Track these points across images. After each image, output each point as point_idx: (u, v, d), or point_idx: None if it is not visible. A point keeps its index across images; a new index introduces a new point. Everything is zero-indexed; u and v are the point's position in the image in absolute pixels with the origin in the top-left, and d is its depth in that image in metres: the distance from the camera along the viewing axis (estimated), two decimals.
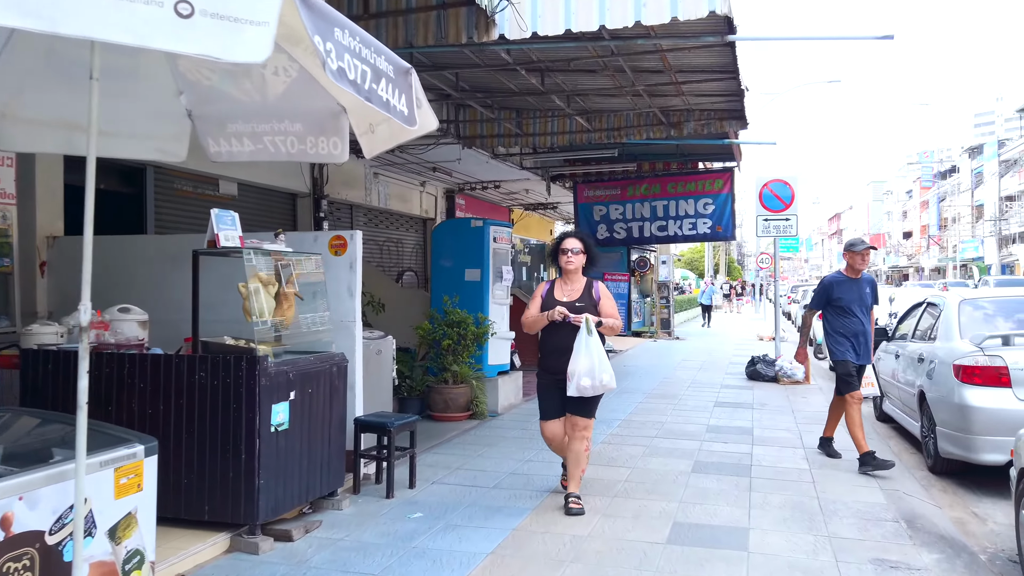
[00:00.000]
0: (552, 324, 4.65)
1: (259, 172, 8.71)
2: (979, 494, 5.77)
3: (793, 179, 11.86)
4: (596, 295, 4.78)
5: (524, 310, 4.93)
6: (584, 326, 4.51)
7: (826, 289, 6.23)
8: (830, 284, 6.24)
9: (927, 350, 6.72)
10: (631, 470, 5.91)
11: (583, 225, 12.80)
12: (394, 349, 6.31)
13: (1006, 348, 5.67)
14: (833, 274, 6.41)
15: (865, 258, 6.21)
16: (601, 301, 4.77)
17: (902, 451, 7.25)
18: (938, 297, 7.18)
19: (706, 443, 6.93)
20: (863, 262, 6.21)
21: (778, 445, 6.85)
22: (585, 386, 4.53)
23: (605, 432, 7.43)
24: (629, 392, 10.22)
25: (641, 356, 15.59)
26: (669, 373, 12.50)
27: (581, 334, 4.50)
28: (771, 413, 8.54)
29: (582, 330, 4.51)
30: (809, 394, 10.02)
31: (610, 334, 4.84)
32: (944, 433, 6.02)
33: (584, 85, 7.59)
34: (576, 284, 4.82)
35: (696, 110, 8.53)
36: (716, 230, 12.17)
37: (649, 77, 7.02)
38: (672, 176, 12.40)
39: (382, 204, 11.55)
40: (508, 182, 13.12)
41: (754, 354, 12.11)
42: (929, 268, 65.95)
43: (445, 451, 6.58)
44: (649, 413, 8.58)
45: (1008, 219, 48.46)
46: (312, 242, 5.48)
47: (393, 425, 5.08)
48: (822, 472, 5.84)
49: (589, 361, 4.50)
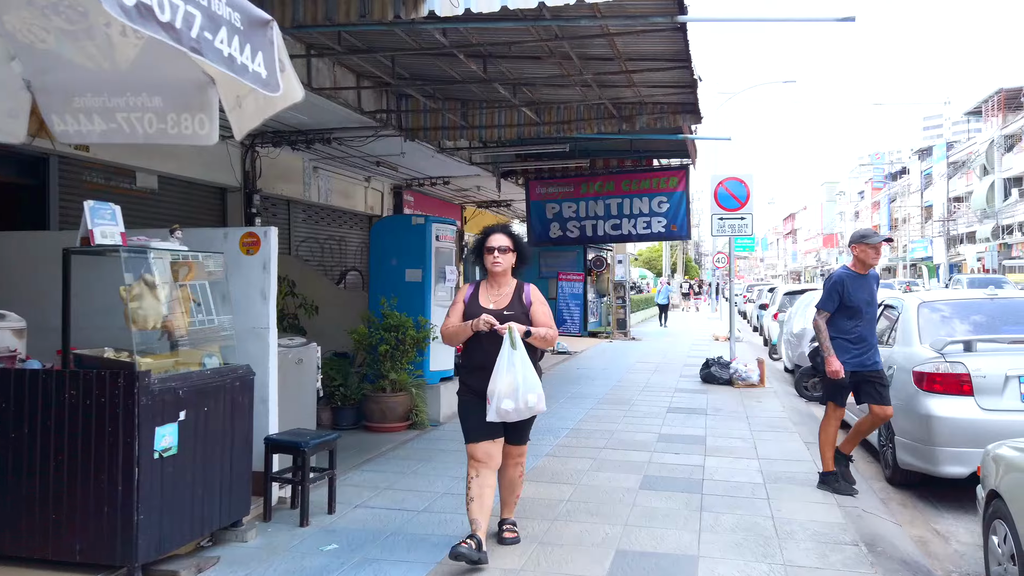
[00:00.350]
0: (477, 336, 3.97)
1: (184, 164, 8.07)
2: (940, 508, 5.47)
3: (748, 177, 11.59)
4: (527, 300, 4.11)
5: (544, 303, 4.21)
6: (507, 338, 3.82)
7: (838, 286, 5.33)
8: (841, 281, 5.34)
9: (885, 355, 6.41)
10: (575, 487, 5.47)
11: (535, 223, 12.35)
12: (318, 356, 5.77)
13: (968, 354, 5.38)
14: (841, 269, 5.52)
15: (879, 252, 5.44)
16: (533, 307, 4.10)
17: (859, 459, 6.94)
18: (896, 299, 6.90)
19: (657, 454, 6.54)
20: (877, 257, 5.41)
21: (732, 455, 6.49)
22: (507, 410, 3.82)
23: (552, 443, 7.00)
24: (581, 397, 9.82)
25: (596, 358, 15.23)
26: (623, 376, 12.15)
27: (504, 347, 3.82)
28: (725, 419, 8.20)
29: (505, 343, 3.82)
30: (764, 398, 9.74)
31: (543, 346, 4.08)
32: (903, 443, 5.72)
33: (530, 73, 7.14)
34: (504, 288, 4.14)
35: (649, 103, 8.14)
36: (671, 229, 11.83)
37: (598, 65, 6.59)
38: (626, 173, 12.02)
39: (323, 200, 10.94)
40: (458, 178, 12.61)
41: (709, 356, 11.82)
42: (880, 267, 67.19)
43: (377, 467, 6.06)
44: (600, 420, 8.17)
45: (956, 220, 49.56)
46: (222, 239, 4.93)
47: (308, 445, 4.55)
48: (777, 487, 5.48)
49: (512, 380, 3.80)
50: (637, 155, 11.96)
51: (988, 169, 44.28)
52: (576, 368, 13.35)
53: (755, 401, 9.44)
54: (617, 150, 11.95)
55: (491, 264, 4.08)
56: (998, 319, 5.87)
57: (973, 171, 47.61)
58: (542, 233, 12.27)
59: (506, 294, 4.12)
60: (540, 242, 12.56)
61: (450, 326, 4.10)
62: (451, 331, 4.09)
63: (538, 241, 12.51)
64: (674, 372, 12.58)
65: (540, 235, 12.35)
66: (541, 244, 12.97)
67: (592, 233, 12.08)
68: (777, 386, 10.86)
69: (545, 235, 12.25)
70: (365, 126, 8.27)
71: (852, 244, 5.50)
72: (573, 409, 8.89)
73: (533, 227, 12.43)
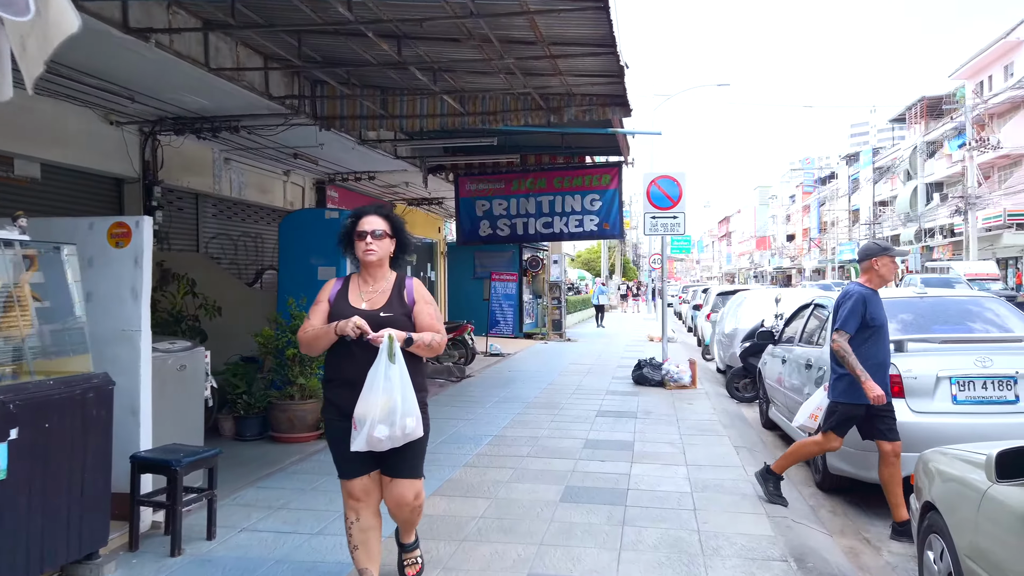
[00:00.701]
0: (345, 343, 3.17)
1: (71, 151, 7.34)
2: (870, 515, 5.26)
3: (681, 175, 11.42)
4: (409, 299, 3.35)
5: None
6: (385, 348, 3.07)
7: (861, 305, 4.66)
8: (863, 298, 4.67)
9: (815, 355, 6.23)
10: (491, 502, 5.05)
11: (464, 221, 11.89)
12: (207, 362, 5.20)
13: (899, 355, 5.18)
14: (857, 285, 4.81)
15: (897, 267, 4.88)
16: (417, 308, 3.34)
17: None
18: (826, 298, 6.72)
19: (582, 462, 6.18)
20: (895, 272, 4.88)
21: (659, 462, 6.18)
22: (380, 438, 3.06)
23: (472, 452, 6.56)
24: (508, 401, 9.42)
25: (529, 360, 14.88)
26: (555, 378, 11.82)
27: (379, 359, 3.07)
28: (655, 423, 7.92)
29: (381, 353, 3.07)
30: (695, 400, 9.53)
31: (427, 355, 3.36)
32: None
33: (449, 57, 6.69)
34: (381, 283, 3.37)
35: (577, 94, 7.80)
36: (603, 228, 11.55)
37: (520, 49, 6.20)
38: (558, 170, 11.69)
39: (236, 194, 10.25)
40: (384, 173, 12.04)
41: (641, 357, 11.60)
42: (810, 269, 69.17)
43: (276, 483, 5.52)
44: (525, 426, 7.78)
45: (881, 223, 51.22)
46: (86, 230, 4.34)
47: (180, 463, 4.00)
48: (704, 496, 5.17)
49: (388, 400, 3.05)
50: (569, 151, 11.64)
51: (911, 174, 45.89)
52: (508, 371, 12.97)
53: (686, 403, 9.21)
54: (549, 146, 11.61)
55: (363, 253, 3.31)
56: (929, 318, 5.71)
57: (897, 176, 49.31)
58: (471, 231, 11.84)
59: (383, 291, 3.35)
60: (469, 241, 12.14)
61: (308, 330, 3.26)
62: (309, 337, 3.25)
63: (467, 240, 12.09)
64: (607, 374, 12.32)
65: (469, 233, 11.91)
66: (470, 243, 12.55)
67: (523, 231, 11.71)
68: (709, 387, 10.69)
69: (474, 233, 11.81)
70: (275, 113, 7.67)
71: (874, 257, 4.78)
72: (499, 414, 8.48)
73: (462, 225, 11.99)
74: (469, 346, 13.18)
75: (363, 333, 3.10)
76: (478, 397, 9.82)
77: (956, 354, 5.12)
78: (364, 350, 3.14)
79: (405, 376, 3.10)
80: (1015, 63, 36.14)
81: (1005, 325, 5.60)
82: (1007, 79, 36.33)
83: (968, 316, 5.78)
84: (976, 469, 2.91)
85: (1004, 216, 33.63)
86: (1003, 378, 4.95)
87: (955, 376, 5.01)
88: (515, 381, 11.48)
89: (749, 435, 7.67)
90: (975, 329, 5.63)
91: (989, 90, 37.83)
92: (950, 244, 39.33)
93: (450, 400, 9.56)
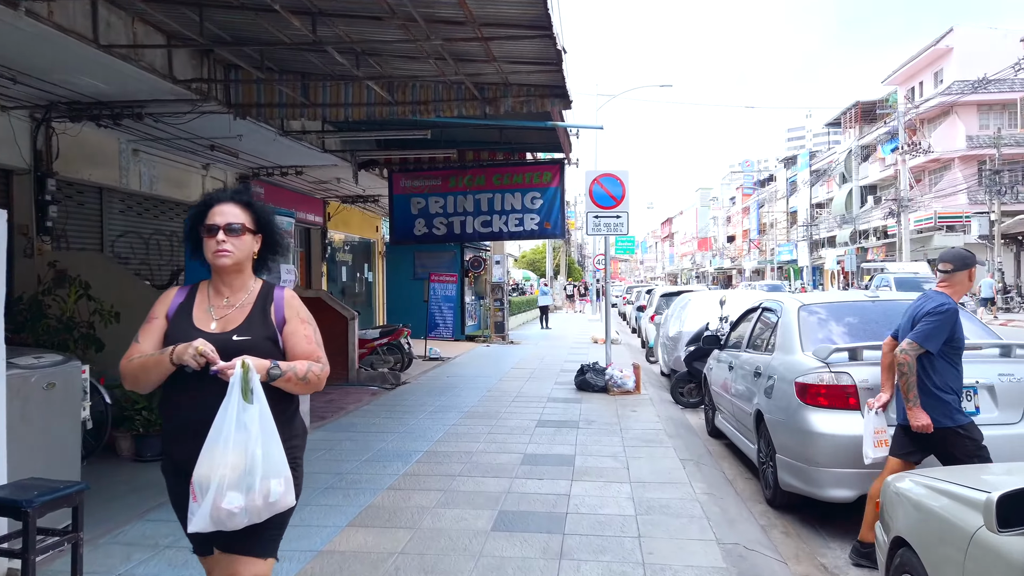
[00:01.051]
0: (183, 375, 2.34)
1: None
2: (824, 536, 4.90)
3: (624, 173, 11.05)
4: (278, 316, 2.51)
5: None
6: (237, 383, 2.25)
7: (951, 322, 4.03)
8: (955, 315, 4.06)
9: (764, 363, 5.86)
10: (414, 533, 4.50)
11: (399, 219, 11.29)
12: (86, 378, 4.51)
13: (854, 363, 4.83)
14: (945, 296, 4.14)
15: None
16: (288, 328, 2.50)
17: (737, 476, 6.39)
18: (774, 302, 6.39)
19: (518, 481, 5.68)
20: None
21: (602, 479, 5.73)
22: (231, 511, 2.20)
23: (398, 471, 5.99)
24: (444, 411, 8.87)
25: (469, 364, 14.34)
26: (495, 384, 11.31)
27: (229, 399, 2.24)
28: (597, 433, 7.48)
29: (232, 391, 2.25)
30: (640, 406, 9.15)
31: (304, 391, 2.50)
32: (785, 463, 5.12)
33: (372, 37, 6.11)
34: (240, 295, 2.51)
35: (514, 84, 7.31)
36: (544, 227, 11.10)
37: (449, 30, 5.67)
38: (497, 167, 11.20)
39: (148, 189, 9.44)
40: (313, 168, 11.34)
41: (585, 362, 11.19)
42: (750, 270, 70.47)
43: (168, 515, 4.78)
44: (460, 439, 7.25)
45: (818, 225, 52.39)
46: None
47: (32, 504, 3.33)
48: (649, 520, 4.73)
49: (241, 457, 2.21)
50: (509, 147, 11.17)
51: (847, 177, 47.03)
52: (446, 376, 12.40)
53: (630, 410, 8.82)
54: (487, 142, 11.12)
55: (214, 255, 2.44)
56: (882, 323, 5.38)
57: (833, 179, 50.50)
58: (405, 230, 11.24)
59: (242, 305, 2.49)
60: (403, 240, 11.55)
61: (135, 357, 2.39)
62: (134, 367, 2.38)
63: (401, 239, 11.50)
64: (549, 379, 11.87)
65: (403, 232, 11.32)
66: (404, 242, 11.98)
67: (460, 230, 11.17)
68: (653, 392, 10.35)
69: (409, 232, 11.22)
70: (182, 99, 6.96)
71: (971, 268, 4.21)
72: (433, 426, 7.93)
73: (396, 223, 11.38)
74: (405, 351, 12.57)
75: (209, 362, 2.27)
76: (412, 406, 9.24)
77: None
78: (211, 386, 2.28)
79: (268, 422, 2.27)
80: (944, 70, 37.31)
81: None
82: (937, 85, 37.46)
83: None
84: (962, 507, 2.51)
85: (935, 218, 34.66)
86: (963, 388, 4.63)
87: None
88: (453, 388, 10.93)
89: (695, 445, 7.30)
90: None
91: (920, 96, 38.97)
92: (884, 245, 40.37)
93: (381, 410, 8.96)
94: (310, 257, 14.90)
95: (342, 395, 9.93)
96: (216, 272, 2.52)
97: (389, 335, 12.41)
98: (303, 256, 14.68)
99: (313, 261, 14.98)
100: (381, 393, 10.30)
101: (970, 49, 34.71)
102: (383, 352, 12.33)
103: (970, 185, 33.12)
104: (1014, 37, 33.03)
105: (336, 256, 16.42)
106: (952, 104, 34.61)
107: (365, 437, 7.34)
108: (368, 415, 8.63)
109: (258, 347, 2.41)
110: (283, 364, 2.40)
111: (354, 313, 11.07)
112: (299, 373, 2.42)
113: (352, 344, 10.93)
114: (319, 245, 15.07)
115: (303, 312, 2.57)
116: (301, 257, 14.63)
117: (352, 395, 9.97)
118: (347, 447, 6.88)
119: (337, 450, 6.76)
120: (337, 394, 9.97)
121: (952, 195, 34.46)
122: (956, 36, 36.16)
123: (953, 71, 35.61)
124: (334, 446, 6.92)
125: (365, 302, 18.23)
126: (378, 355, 12.22)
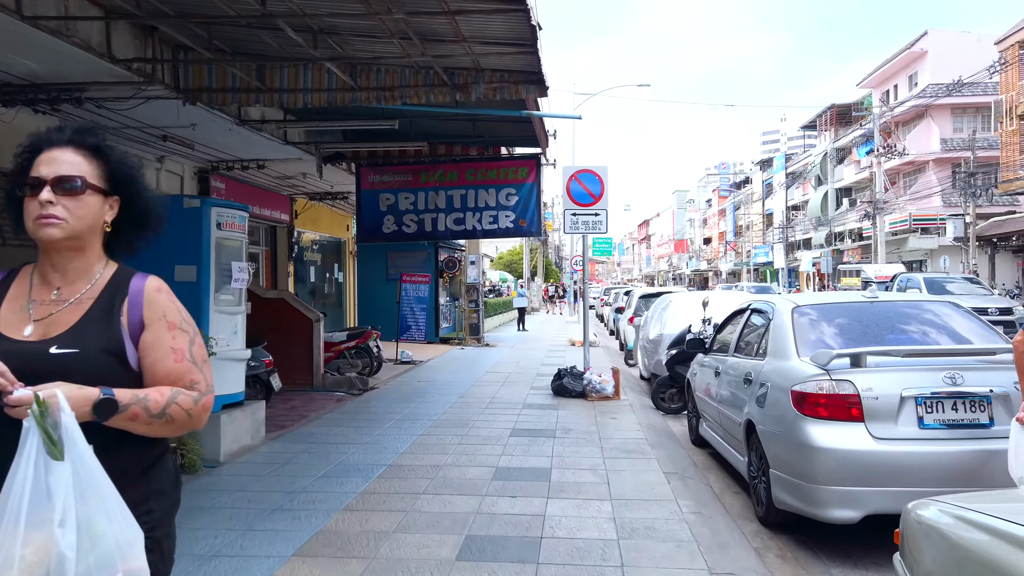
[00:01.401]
0: None
1: None
2: (824, 559, 4.45)
3: (603, 170, 10.64)
4: (133, 318, 1.73)
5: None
6: (35, 428, 1.45)
7: None
8: None
9: (755, 369, 5.42)
10: (368, 564, 3.98)
11: (367, 216, 10.72)
12: None
13: (856, 370, 4.40)
14: None
15: None
16: (147, 336, 1.73)
17: (725, 490, 5.94)
18: (766, 303, 5.95)
19: (489, 499, 5.18)
20: None
21: (580, 496, 5.25)
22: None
23: (356, 489, 5.46)
24: (412, 419, 8.34)
25: (442, 368, 13.82)
26: (468, 389, 10.80)
27: (22, 454, 1.45)
28: (575, 443, 7.01)
29: (26, 440, 1.45)
30: (620, 412, 8.70)
31: (165, 433, 1.71)
32: (779, 478, 4.68)
33: (330, 12, 5.56)
34: (77, 284, 1.76)
35: (486, 69, 6.81)
36: (520, 224, 10.61)
37: (413, 3, 5.15)
38: (471, 162, 10.68)
39: None
40: (276, 162, 10.74)
41: (562, 366, 10.72)
42: (727, 271, 70.59)
43: None
44: (428, 451, 6.74)
45: (794, 227, 52.53)
46: None
47: None
48: (632, 545, 4.26)
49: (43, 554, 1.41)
50: (482, 141, 10.65)
51: (822, 180, 47.15)
52: (417, 381, 11.87)
53: (609, 418, 8.36)
54: (460, 135, 10.60)
55: (35, 223, 1.69)
56: (882, 327, 4.98)
57: (809, 182, 50.65)
58: (373, 228, 10.68)
59: (77, 302, 1.73)
60: (371, 238, 10.99)
61: None
62: None
63: (368, 237, 10.94)
64: (525, 383, 11.39)
65: (371, 230, 10.76)
66: (372, 240, 11.42)
67: (432, 228, 10.64)
68: (633, 398, 9.90)
69: (377, 230, 10.66)
70: (124, 81, 6.37)
71: None
72: (400, 436, 7.40)
73: (364, 221, 10.83)
74: (375, 354, 12.00)
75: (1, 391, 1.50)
76: (379, 414, 8.70)
77: (921, 370, 4.38)
78: (5, 429, 1.52)
79: (96, 485, 1.49)
80: (919, 73, 37.48)
81: (968, 335, 4.92)
82: (911, 88, 37.62)
83: (925, 324, 5.08)
84: (1019, 551, 2.06)
85: (910, 220, 34.75)
86: (976, 397, 4.23)
87: (921, 395, 4.26)
88: (424, 393, 10.40)
89: (679, 456, 6.86)
90: (936, 340, 4.93)
91: (895, 99, 39.12)
92: (859, 247, 40.46)
93: (345, 418, 8.40)
94: (276, 256, 14.28)
95: (305, 402, 9.36)
96: (42, 250, 1.75)
97: (357, 338, 11.84)
98: (268, 255, 14.05)
99: (279, 260, 14.35)
100: (347, 399, 9.74)
101: (944, 52, 34.88)
102: (351, 356, 11.76)
103: (944, 188, 33.23)
104: (988, 40, 33.20)
105: (304, 256, 15.79)
106: (927, 107, 34.74)
107: (325, 449, 6.79)
108: (331, 424, 8.08)
109: (89, 364, 1.64)
110: (124, 394, 1.60)
111: (319, 315, 10.50)
112: (153, 408, 1.62)
113: (317, 347, 10.35)
114: (285, 244, 14.44)
115: (174, 313, 1.78)
116: (266, 256, 14.01)
117: (316, 402, 9.41)
118: (303, 460, 6.33)
119: (292, 464, 6.21)
120: (299, 400, 9.40)
121: (927, 197, 34.57)
122: (930, 39, 36.34)
123: (927, 74, 35.78)
124: (290, 460, 6.37)
125: (335, 303, 17.62)
126: (345, 359, 11.65)
